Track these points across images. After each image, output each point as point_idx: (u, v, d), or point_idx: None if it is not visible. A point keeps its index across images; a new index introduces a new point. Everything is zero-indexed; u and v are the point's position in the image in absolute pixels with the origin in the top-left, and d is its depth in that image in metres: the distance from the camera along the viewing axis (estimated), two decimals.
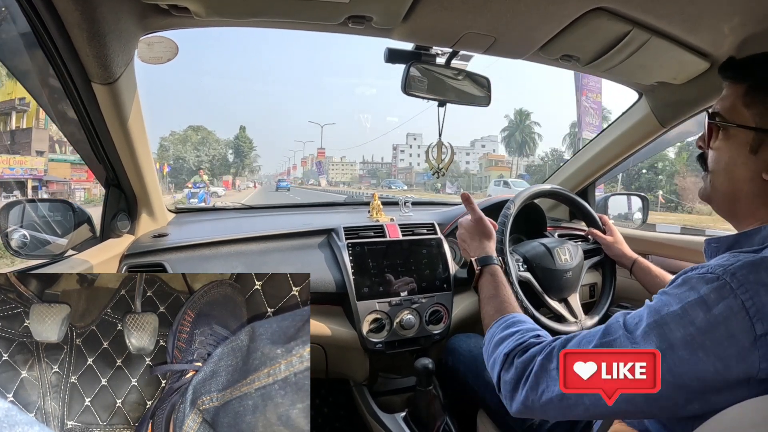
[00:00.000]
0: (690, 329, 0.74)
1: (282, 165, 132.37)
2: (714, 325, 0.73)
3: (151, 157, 1.64)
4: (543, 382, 0.88)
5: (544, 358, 0.89)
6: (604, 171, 2.21)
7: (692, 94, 1.60)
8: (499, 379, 0.97)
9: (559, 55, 1.42)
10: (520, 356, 0.95)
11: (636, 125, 1.92)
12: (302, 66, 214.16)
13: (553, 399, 0.85)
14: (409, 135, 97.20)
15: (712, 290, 0.75)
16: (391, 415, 1.72)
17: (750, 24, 1.14)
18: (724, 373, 0.72)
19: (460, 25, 1.25)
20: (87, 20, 1.04)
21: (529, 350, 0.94)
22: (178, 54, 1.48)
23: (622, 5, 1.12)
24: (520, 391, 0.91)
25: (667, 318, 0.77)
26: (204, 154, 64.91)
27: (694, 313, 0.75)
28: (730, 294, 0.73)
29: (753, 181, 0.86)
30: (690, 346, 0.74)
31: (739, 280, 0.74)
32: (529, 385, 0.89)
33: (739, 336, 0.71)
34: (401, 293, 1.77)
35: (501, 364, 0.97)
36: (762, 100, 0.85)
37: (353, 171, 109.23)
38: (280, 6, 1.19)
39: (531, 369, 0.90)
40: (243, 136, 74.96)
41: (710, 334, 0.73)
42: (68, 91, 1.26)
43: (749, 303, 0.72)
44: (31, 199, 1.53)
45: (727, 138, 0.90)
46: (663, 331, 0.77)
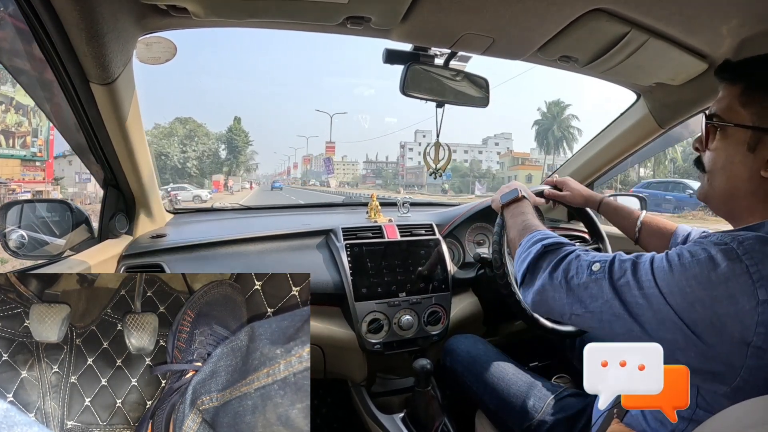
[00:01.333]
0: (692, 282, 0.78)
1: (282, 164, 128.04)
2: (716, 283, 0.77)
3: (149, 157, 1.64)
4: (573, 268, 0.97)
5: (576, 257, 0.99)
6: (602, 172, 2.21)
7: (690, 95, 1.60)
8: (531, 265, 1.05)
9: (557, 56, 1.42)
10: (556, 249, 1.05)
11: (634, 126, 1.92)
12: (301, 65, 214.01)
13: (581, 284, 0.94)
14: (418, 132, 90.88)
15: (718, 251, 0.79)
16: (390, 416, 1.73)
17: (748, 25, 1.14)
18: (720, 328, 0.76)
19: (458, 26, 1.26)
20: (85, 20, 1.04)
21: (565, 248, 1.04)
22: (176, 54, 1.48)
23: (620, 6, 1.13)
24: (548, 273, 1.01)
25: (676, 267, 0.82)
26: (191, 150, 57.47)
27: (699, 268, 0.79)
28: (735, 258, 0.77)
29: (751, 179, 0.88)
30: (688, 296, 0.78)
31: (746, 248, 0.78)
32: (562, 269, 0.98)
33: (740, 298, 0.75)
34: (399, 294, 1.77)
35: (537, 253, 1.06)
36: (758, 100, 0.87)
37: (355, 171, 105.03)
38: (279, 7, 1.19)
39: (566, 255, 1.01)
40: (237, 128, 65.94)
41: (710, 290, 0.77)
42: (66, 92, 1.26)
43: (753, 269, 0.75)
44: (30, 200, 1.53)
45: (724, 138, 0.91)
46: (666, 278, 0.82)
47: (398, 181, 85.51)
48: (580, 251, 1.00)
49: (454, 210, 2.24)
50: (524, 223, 1.25)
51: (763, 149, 0.85)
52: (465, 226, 2.12)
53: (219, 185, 51.13)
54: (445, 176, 63.62)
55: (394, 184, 75.07)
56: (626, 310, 0.85)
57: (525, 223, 1.25)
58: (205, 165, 60.21)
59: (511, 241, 1.27)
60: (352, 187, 78.32)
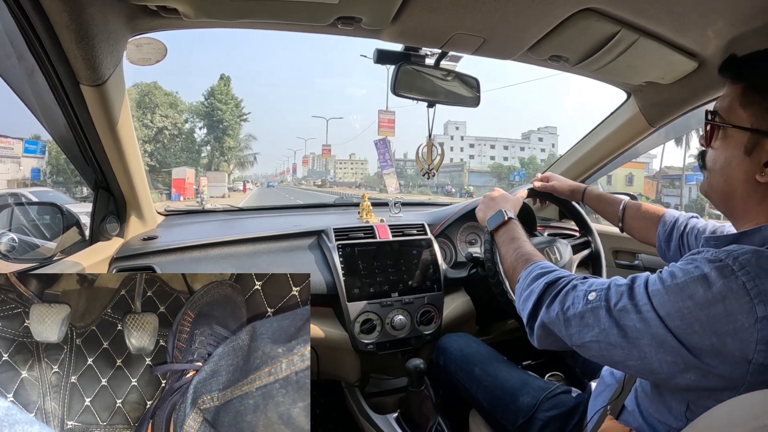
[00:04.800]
0: (688, 303, 0.77)
1: (282, 164, 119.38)
2: (712, 301, 0.75)
3: (140, 159, 1.63)
4: (570, 299, 0.95)
5: (573, 287, 0.98)
6: (593, 171, 2.22)
7: (680, 93, 1.61)
8: (536, 302, 1.03)
9: (548, 56, 1.43)
10: (555, 282, 1.03)
11: (625, 125, 1.93)
12: (297, 66, 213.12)
13: (576, 314, 0.92)
14: (450, 123, 75.58)
15: (713, 269, 0.78)
16: (383, 416, 1.73)
17: (737, 24, 1.15)
18: (720, 348, 0.75)
19: (449, 26, 1.26)
20: (75, 22, 1.03)
21: (562, 280, 1.02)
22: (167, 55, 1.48)
23: (610, 6, 1.13)
24: (545, 306, 1.00)
25: (670, 288, 0.80)
26: (143, 127, 37.16)
27: (694, 287, 0.78)
28: (731, 274, 0.76)
29: (747, 182, 0.88)
30: (686, 318, 0.77)
31: (741, 264, 0.76)
32: (559, 301, 0.97)
33: (738, 315, 0.74)
34: (392, 294, 1.77)
35: (540, 292, 1.03)
36: (758, 101, 0.86)
37: (364, 170, 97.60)
38: (269, 7, 1.19)
39: (563, 287, 0.99)
40: (223, 91, 43.68)
41: (708, 309, 0.76)
42: (56, 93, 1.25)
43: (750, 285, 0.74)
44: (20, 202, 1.52)
45: (724, 138, 0.91)
46: (662, 300, 0.80)
47: (423, 180, 67.13)
48: (577, 281, 0.99)
49: (445, 210, 2.25)
50: (518, 251, 1.24)
51: (760, 153, 0.85)
52: (457, 226, 2.13)
53: (182, 187, 32.48)
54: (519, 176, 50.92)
55: (418, 184, 62.99)
56: (624, 336, 0.84)
57: (519, 252, 1.23)
58: (170, 154, 40.51)
59: (507, 272, 1.27)
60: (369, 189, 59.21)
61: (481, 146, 75.24)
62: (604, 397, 1.15)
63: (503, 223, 1.37)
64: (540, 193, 1.71)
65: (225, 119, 43.87)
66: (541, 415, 1.30)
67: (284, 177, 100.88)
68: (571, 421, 1.27)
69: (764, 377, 0.74)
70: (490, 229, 1.40)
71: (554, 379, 1.65)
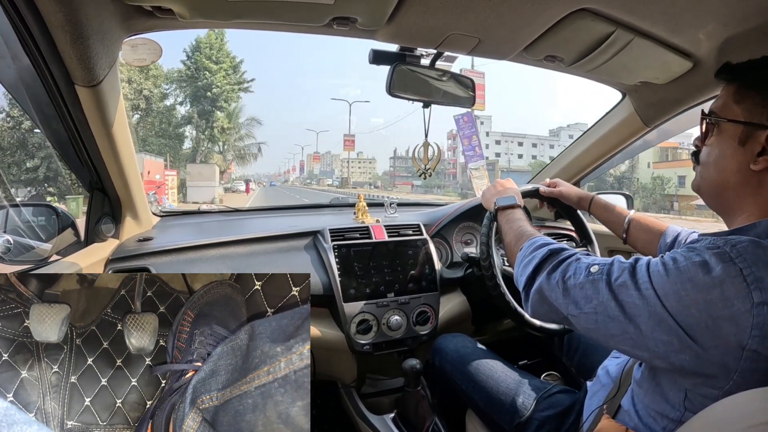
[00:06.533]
0: (687, 285, 0.79)
1: (285, 163, 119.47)
2: (711, 286, 0.77)
3: (135, 160, 1.63)
4: (572, 269, 0.98)
5: (576, 259, 1.01)
6: (588, 171, 2.23)
7: (675, 93, 1.61)
8: (536, 267, 1.07)
9: (543, 56, 1.43)
10: (558, 252, 1.07)
11: (620, 125, 1.93)
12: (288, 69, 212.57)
13: (577, 284, 0.95)
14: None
15: (712, 255, 0.80)
16: (380, 417, 1.73)
17: (731, 25, 1.16)
18: (715, 331, 0.76)
19: (444, 27, 1.26)
20: (70, 22, 1.03)
21: (566, 251, 1.07)
22: (162, 55, 1.48)
23: (605, 6, 1.13)
24: (546, 274, 1.03)
25: (671, 271, 0.82)
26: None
27: (694, 271, 0.80)
28: (728, 260, 0.78)
29: (740, 171, 0.90)
30: (684, 300, 0.79)
31: (739, 251, 0.79)
32: (561, 270, 1.00)
33: (735, 300, 0.75)
34: (388, 294, 1.77)
35: (542, 257, 1.07)
36: (750, 97, 0.89)
37: (372, 169, 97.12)
38: (264, 7, 1.19)
39: (567, 258, 1.03)
40: (212, 44, 30.74)
41: (705, 293, 0.77)
42: (51, 94, 1.25)
43: (747, 271, 0.76)
44: (14, 204, 1.52)
45: (719, 133, 0.94)
46: (662, 280, 0.82)
47: (446, 181, 68.95)
48: (581, 255, 1.02)
49: (441, 210, 2.25)
50: (521, 229, 1.28)
51: (753, 143, 0.87)
52: (452, 226, 2.13)
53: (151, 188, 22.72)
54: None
55: (438, 185, 60.74)
56: (622, 310, 0.86)
57: (522, 229, 1.27)
58: (137, 138, 28.15)
59: (508, 246, 1.29)
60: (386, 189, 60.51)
61: (508, 143, 71.66)
62: (600, 396, 1.16)
63: (513, 206, 1.41)
64: (546, 197, 1.73)
65: (216, 84, 30.37)
66: (538, 414, 1.30)
67: (287, 177, 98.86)
68: (567, 421, 1.27)
69: (757, 365, 0.75)
70: (498, 206, 1.44)
71: (550, 379, 1.65)
